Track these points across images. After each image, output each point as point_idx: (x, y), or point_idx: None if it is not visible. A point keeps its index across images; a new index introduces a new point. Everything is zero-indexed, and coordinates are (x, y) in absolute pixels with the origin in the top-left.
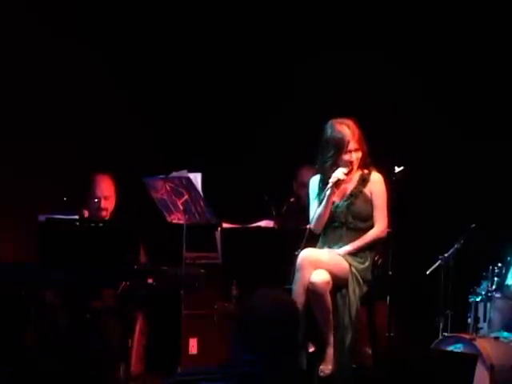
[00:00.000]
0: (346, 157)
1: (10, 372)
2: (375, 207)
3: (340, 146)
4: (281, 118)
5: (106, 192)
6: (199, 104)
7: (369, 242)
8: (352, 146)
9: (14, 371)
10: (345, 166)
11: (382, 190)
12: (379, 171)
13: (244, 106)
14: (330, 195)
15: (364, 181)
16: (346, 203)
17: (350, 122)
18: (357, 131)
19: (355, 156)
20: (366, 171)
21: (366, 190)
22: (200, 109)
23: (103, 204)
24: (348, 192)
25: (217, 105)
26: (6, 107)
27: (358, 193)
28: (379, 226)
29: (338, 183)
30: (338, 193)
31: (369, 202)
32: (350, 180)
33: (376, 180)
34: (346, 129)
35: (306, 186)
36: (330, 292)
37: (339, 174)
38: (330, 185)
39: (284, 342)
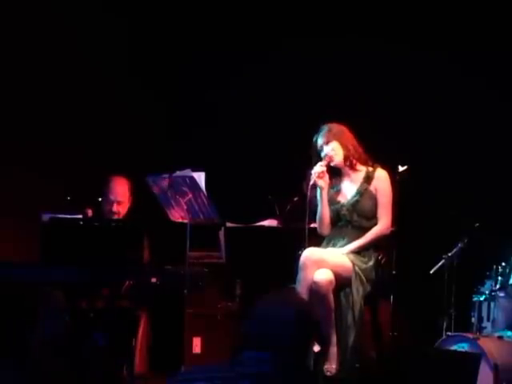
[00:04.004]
0: (322, 153)
1: (14, 372)
2: (379, 204)
3: (312, 146)
4: (287, 117)
5: (119, 197)
6: (202, 102)
7: (372, 239)
8: (320, 141)
9: (18, 371)
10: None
11: (386, 187)
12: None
13: (245, 105)
14: (320, 192)
15: (369, 178)
16: (351, 201)
17: (326, 125)
18: (332, 128)
19: (326, 149)
20: (370, 169)
21: (371, 187)
22: (204, 107)
23: (115, 208)
24: (354, 191)
25: (220, 102)
26: (9, 106)
27: (363, 190)
28: (382, 223)
29: (321, 176)
30: (343, 192)
31: (374, 199)
32: (354, 178)
33: (380, 176)
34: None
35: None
36: (333, 291)
37: (317, 168)
38: (311, 182)
39: (296, 342)
